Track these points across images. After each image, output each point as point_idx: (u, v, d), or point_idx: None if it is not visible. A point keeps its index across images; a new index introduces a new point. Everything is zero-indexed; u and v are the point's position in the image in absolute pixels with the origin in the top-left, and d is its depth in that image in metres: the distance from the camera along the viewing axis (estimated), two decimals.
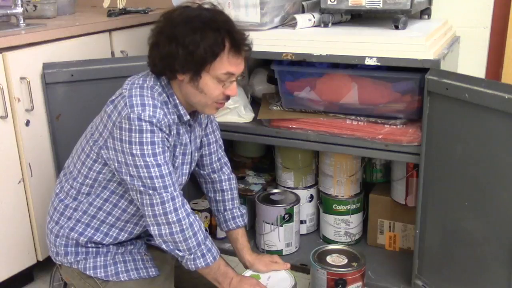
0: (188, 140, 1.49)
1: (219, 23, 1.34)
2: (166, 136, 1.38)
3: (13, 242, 1.88)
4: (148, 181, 1.34)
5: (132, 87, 1.38)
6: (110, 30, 2.16)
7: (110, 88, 1.52)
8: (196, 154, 1.60)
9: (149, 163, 1.34)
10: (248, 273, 1.60)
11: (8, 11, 2.01)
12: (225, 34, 1.33)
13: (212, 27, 1.32)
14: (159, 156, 1.35)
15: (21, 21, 2.02)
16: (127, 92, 1.36)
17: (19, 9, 2.01)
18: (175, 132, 1.43)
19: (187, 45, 1.31)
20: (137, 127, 1.32)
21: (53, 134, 1.92)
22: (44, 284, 2.02)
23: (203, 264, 1.41)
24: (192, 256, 1.40)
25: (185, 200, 1.41)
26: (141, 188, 1.35)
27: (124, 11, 2.39)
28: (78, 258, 1.47)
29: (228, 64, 1.36)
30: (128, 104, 1.33)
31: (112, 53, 2.17)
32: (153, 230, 1.39)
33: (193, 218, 1.40)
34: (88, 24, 2.09)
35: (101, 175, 1.43)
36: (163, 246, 1.41)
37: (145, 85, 1.39)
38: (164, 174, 1.35)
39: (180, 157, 1.48)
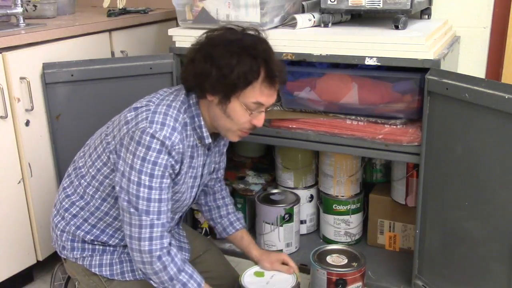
0: (200, 163, 1.47)
1: (258, 51, 1.31)
2: (173, 163, 1.34)
3: (13, 242, 1.88)
4: (134, 198, 1.32)
5: (160, 102, 1.36)
6: (110, 30, 2.16)
7: (110, 88, 1.52)
8: (208, 177, 1.60)
9: (142, 182, 1.31)
10: (252, 269, 1.60)
11: (8, 11, 2.01)
12: (262, 62, 1.31)
13: (250, 54, 1.30)
14: (155, 179, 1.32)
15: (21, 21, 2.02)
16: (153, 107, 1.34)
17: (19, 9, 2.01)
18: (189, 156, 1.40)
19: (221, 67, 1.29)
20: (147, 143, 1.30)
21: (53, 134, 1.92)
22: (44, 284, 2.02)
23: None
24: None
25: (165, 233, 1.35)
26: (124, 204, 1.33)
27: (124, 11, 2.39)
28: (84, 255, 1.47)
29: (260, 94, 1.33)
30: (149, 118, 1.31)
31: (112, 53, 2.17)
32: (130, 253, 1.37)
33: (164, 251, 1.34)
34: (88, 24, 2.09)
35: (107, 180, 1.42)
36: (140, 272, 1.40)
37: (173, 104, 1.36)
38: (152, 199, 1.32)
39: (191, 180, 1.47)
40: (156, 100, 1.37)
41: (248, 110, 1.35)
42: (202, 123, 1.39)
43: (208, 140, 1.42)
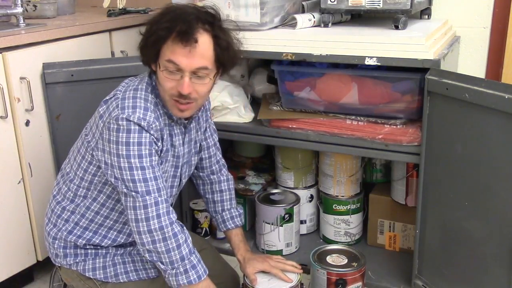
0: (181, 141, 1.48)
1: (177, 13, 1.32)
2: (155, 140, 1.35)
3: (13, 242, 1.88)
4: (131, 184, 1.31)
5: (127, 89, 1.37)
6: (110, 30, 2.16)
7: (110, 88, 1.52)
8: (195, 157, 1.59)
9: (133, 165, 1.31)
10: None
11: (8, 11, 2.01)
12: (179, 22, 1.30)
13: (170, 16, 1.32)
14: (145, 159, 1.32)
15: (21, 21, 2.02)
16: (121, 94, 1.36)
17: (19, 9, 2.01)
18: (167, 134, 1.41)
19: (147, 31, 1.35)
20: (125, 127, 1.30)
21: (53, 134, 1.92)
22: (44, 284, 2.02)
23: (185, 281, 1.35)
24: (174, 271, 1.35)
25: (171, 208, 1.36)
26: (125, 190, 1.33)
27: (124, 11, 2.39)
28: (77, 260, 1.47)
29: (171, 52, 1.31)
30: (120, 105, 1.32)
31: (112, 53, 2.17)
32: (136, 238, 1.35)
33: (178, 229, 1.35)
34: (88, 24, 2.09)
35: (96, 178, 1.42)
36: (147, 256, 1.37)
37: (139, 87, 1.38)
38: (148, 178, 1.32)
39: (174, 159, 1.47)
40: (123, 88, 1.39)
41: (169, 73, 1.32)
42: None
43: (176, 116, 1.42)
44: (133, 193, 1.32)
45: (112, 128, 1.32)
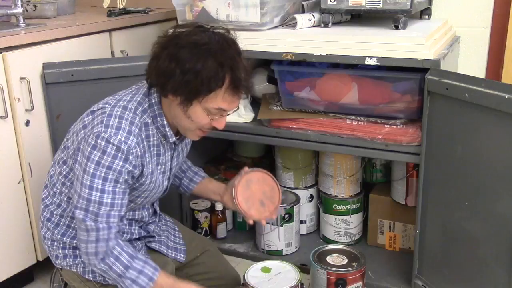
0: (168, 157, 1.47)
1: (224, 58, 1.28)
2: (131, 168, 1.32)
3: (13, 242, 1.88)
4: (85, 202, 1.30)
5: (116, 104, 1.34)
6: (110, 30, 2.16)
7: (110, 88, 1.52)
8: (177, 168, 1.60)
9: (94, 185, 1.29)
10: (260, 265, 1.62)
11: (8, 11, 2.01)
12: (227, 70, 1.28)
13: (216, 60, 1.26)
14: (109, 183, 1.30)
15: (21, 21, 2.02)
16: (108, 110, 1.33)
17: (19, 9, 2.01)
18: (154, 154, 1.40)
19: (186, 71, 1.26)
20: (102, 147, 1.28)
21: (53, 134, 1.92)
22: (44, 284, 2.02)
23: None
24: (120, 286, 1.37)
25: (112, 235, 1.33)
26: (77, 210, 1.32)
27: (124, 11, 2.39)
28: (76, 261, 1.47)
29: (222, 101, 1.31)
30: (104, 122, 1.30)
31: (112, 53, 2.17)
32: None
33: (108, 253, 1.33)
34: (88, 24, 2.09)
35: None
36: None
37: (129, 105, 1.34)
38: (104, 203, 1.30)
39: (160, 176, 1.47)
40: (113, 102, 1.36)
41: (209, 114, 1.33)
42: (165, 122, 1.38)
43: (172, 139, 1.41)
44: (81, 217, 1.31)
45: (89, 143, 1.30)
